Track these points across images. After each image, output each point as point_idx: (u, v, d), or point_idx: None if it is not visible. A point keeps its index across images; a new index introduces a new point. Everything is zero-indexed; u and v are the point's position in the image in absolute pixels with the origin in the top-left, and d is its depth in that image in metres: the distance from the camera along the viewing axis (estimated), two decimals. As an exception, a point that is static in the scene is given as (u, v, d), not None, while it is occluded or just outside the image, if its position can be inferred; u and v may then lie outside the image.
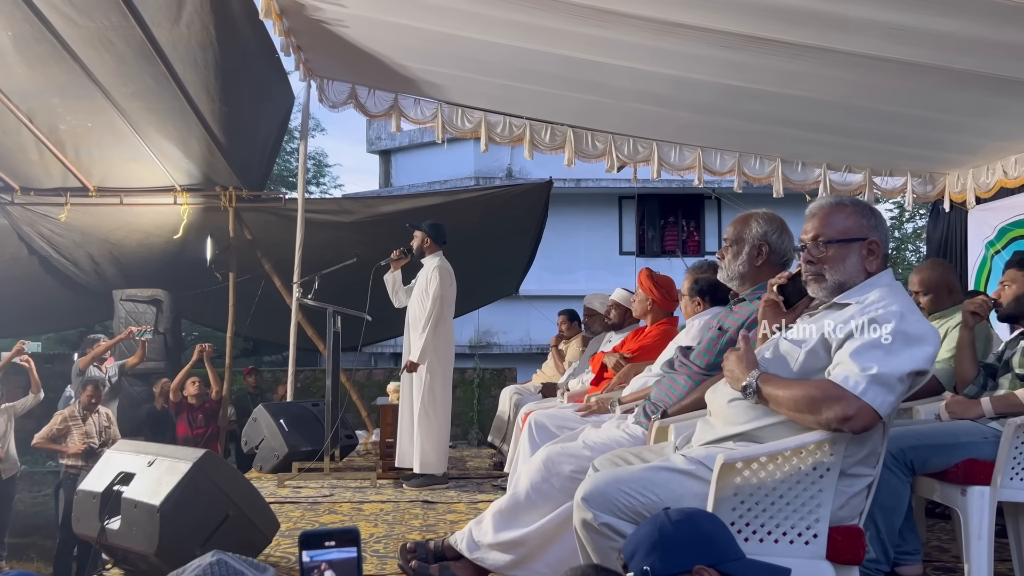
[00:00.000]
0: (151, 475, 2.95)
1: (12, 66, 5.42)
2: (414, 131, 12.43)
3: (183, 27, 5.14)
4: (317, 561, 1.14)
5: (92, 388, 5.83)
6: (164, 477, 2.88)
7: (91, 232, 7.21)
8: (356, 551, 1.14)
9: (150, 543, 2.78)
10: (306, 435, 5.36)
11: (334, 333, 5.24)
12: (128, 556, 3.01)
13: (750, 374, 1.91)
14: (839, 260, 1.99)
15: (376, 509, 4.21)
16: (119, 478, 3.04)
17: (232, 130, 6.20)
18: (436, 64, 5.79)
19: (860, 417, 1.75)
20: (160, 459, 3.00)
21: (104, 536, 3.00)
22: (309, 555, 1.13)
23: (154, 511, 2.77)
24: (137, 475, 2.99)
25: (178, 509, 2.79)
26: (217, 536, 2.85)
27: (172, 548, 2.76)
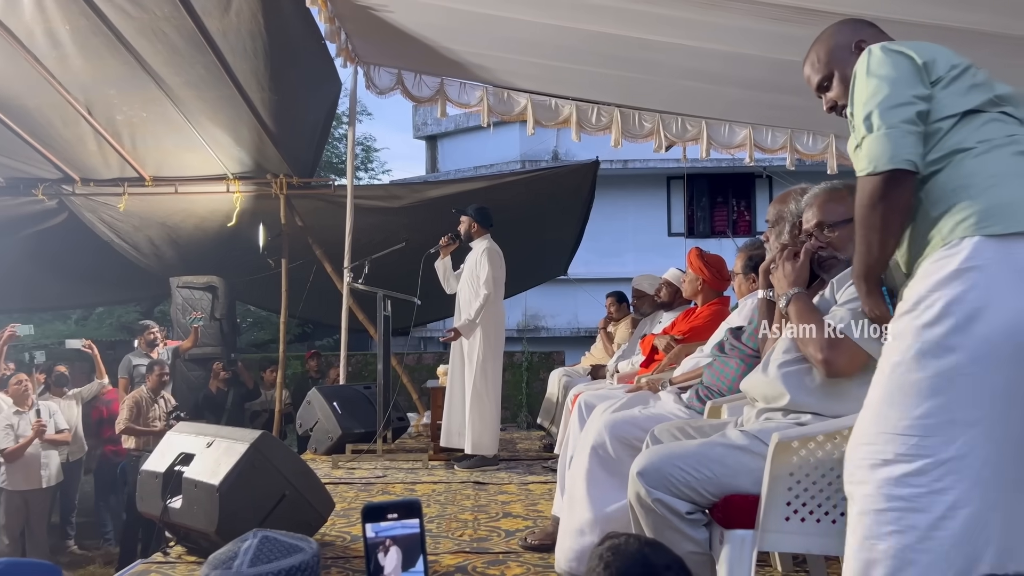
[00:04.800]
0: (210, 456, 3.02)
1: (70, 59, 5.56)
2: (460, 116, 12.43)
3: (232, 15, 5.21)
4: (382, 537, 1.15)
5: (159, 370, 5.99)
6: (222, 458, 2.95)
7: (149, 218, 7.40)
8: (419, 523, 1.15)
9: (210, 521, 2.85)
10: (359, 417, 5.44)
11: (384, 317, 5.29)
12: (189, 534, 3.10)
13: (791, 288, 2.05)
14: (846, 240, 2.01)
15: (428, 490, 4.25)
16: (180, 459, 3.13)
17: (282, 118, 6.28)
18: (482, 47, 5.77)
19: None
20: (218, 440, 3.07)
21: (167, 514, 3.09)
22: (374, 529, 1.14)
23: (213, 491, 2.84)
24: (197, 456, 3.07)
25: (236, 488, 2.85)
26: (274, 515, 2.92)
27: (231, 526, 2.83)
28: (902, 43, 1.75)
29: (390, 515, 1.15)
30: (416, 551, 1.16)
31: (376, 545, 1.15)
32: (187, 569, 2.95)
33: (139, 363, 6.37)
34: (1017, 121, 1.68)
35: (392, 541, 1.16)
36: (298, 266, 7.21)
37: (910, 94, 1.65)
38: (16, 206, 7.24)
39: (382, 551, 1.16)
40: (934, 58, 1.69)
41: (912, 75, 1.67)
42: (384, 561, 1.16)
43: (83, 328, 13.34)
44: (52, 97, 5.96)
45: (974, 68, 1.72)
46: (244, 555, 1.25)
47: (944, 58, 1.70)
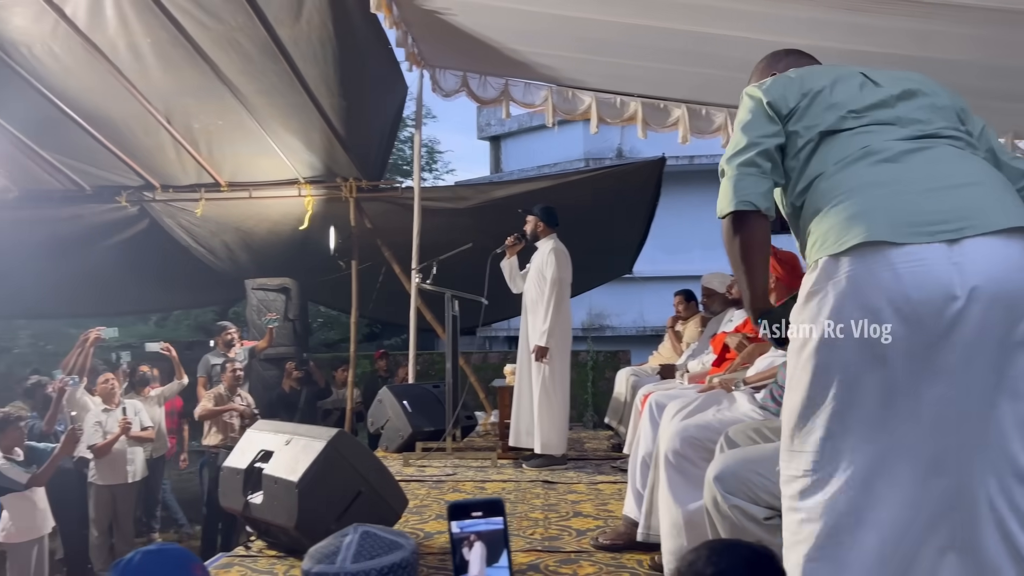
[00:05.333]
0: (288, 453, 3.11)
1: (151, 71, 5.80)
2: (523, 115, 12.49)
3: (303, 24, 5.35)
4: (466, 532, 1.17)
5: (231, 368, 6.18)
6: (300, 455, 3.04)
7: (224, 222, 7.64)
8: (502, 521, 1.17)
9: (289, 517, 2.94)
10: (428, 416, 5.52)
11: (452, 317, 5.35)
12: (270, 529, 3.20)
13: None
14: None
15: (498, 488, 4.29)
16: (260, 456, 3.23)
17: (350, 122, 6.41)
18: (546, 46, 5.79)
19: None
20: (296, 438, 3.16)
21: (248, 509, 3.19)
22: (459, 526, 1.17)
23: (292, 487, 2.93)
24: (276, 453, 3.17)
25: (314, 485, 2.93)
26: (350, 511, 2.98)
27: (310, 522, 2.91)
28: (767, 81, 1.83)
29: (474, 513, 1.18)
30: (500, 548, 1.18)
31: (461, 541, 1.18)
32: (268, 563, 3.03)
33: (217, 362, 6.59)
34: (888, 125, 1.70)
35: (476, 537, 1.19)
36: (368, 267, 7.35)
37: (754, 135, 1.74)
38: (101, 213, 7.58)
39: (467, 547, 1.19)
40: (783, 93, 1.77)
41: (758, 116, 1.77)
42: (469, 556, 1.18)
43: (162, 329, 13.86)
44: (134, 108, 6.22)
45: (837, 85, 1.76)
46: (346, 550, 1.28)
47: (796, 88, 1.77)
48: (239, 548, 3.27)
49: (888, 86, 1.76)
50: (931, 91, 1.77)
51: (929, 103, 1.74)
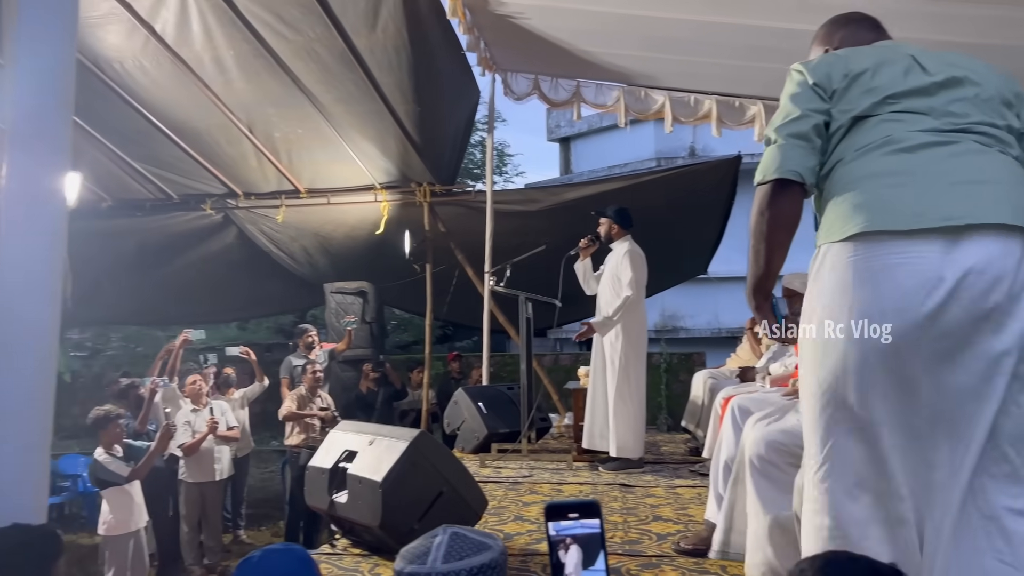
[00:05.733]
0: (372, 453, 3.18)
1: (234, 82, 6.00)
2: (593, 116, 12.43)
3: (379, 32, 5.46)
4: (562, 535, 1.18)
5: (312, 369, 6.34)
6: (384, 455, 3.09)
7: (304, 228, 7.86)
8: (599, 524, 1.17)
9: (374, 516, 2.99)
10: (503, 417, 5.55)
11: (526, 319, 5.37)
12: (354, 527, 3.27)
13: None
14: None
15: (575, 491, 4.28)
16: (344, 456, 3.31)
17: (424, 128, 6.51)
18: (618, 47, 5.76)
19: None
20: (379, 438, 3.22)
21: (333, 508, 3.27)
22: (555, 527, 1.18)
23: (376, 486, 2.98)
24: (359, 453, 3.24)
25: (398, 485, 2.98)
26: (432, 512, 3.03)
27: (393, 521, 2.97)
28: (813, 60, 1.83)
29: (571, 514, 1.18)
30: (596, 550, 1.18)
31: (557, 543, 1.18)
32: (353, 561, 3.10)
33: (298, 364, 6.76)
34: (919, 115, 1.69)
35: (572, 540, 1.19)
36: (441, 270, 7.44)
37: (803, 108, 1.74)
38: (188, 221, 7.89)
39: (563, 549, 1.19)
40: (828, 72, 1.76)
41: (806, 91, 1.76)
42: (565, 558, 1.19)
43: (243, 332, 14.32)
44: (218, 118, 6.45)
45: (882, 68, 1.74)
46: (437, 551, 1.31)
47: (840, 69, 1.76)
48: (325, 546, 3.35)
49: (935, 72, 1.73)
50: (980, 79, 1.74)
51: (972, 94, 1.71)
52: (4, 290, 1.54)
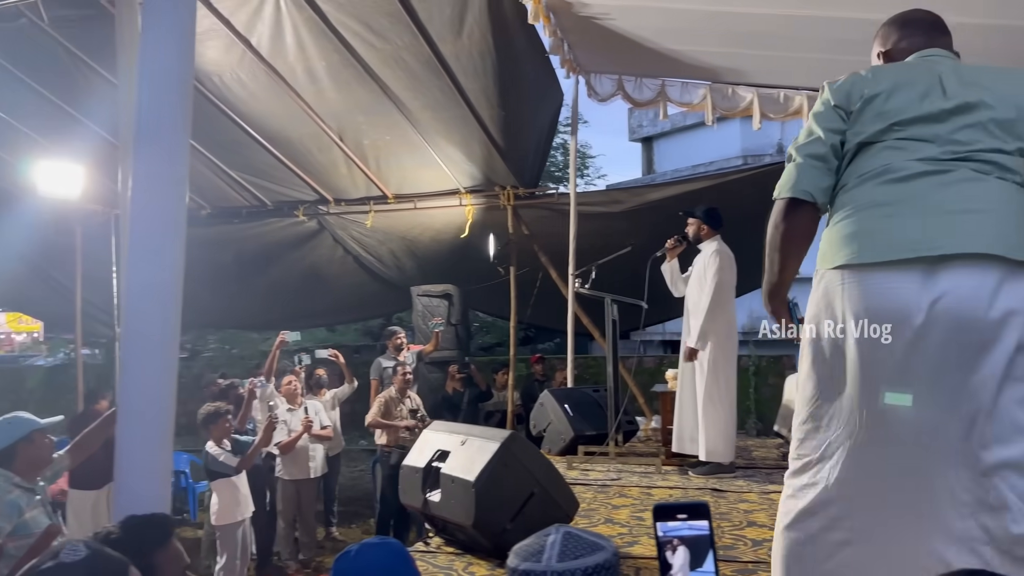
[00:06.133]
0: (464, 453, 3.22)
1: (326, 91, 6.19)
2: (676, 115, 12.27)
3: (464, 38, 5.54)
4: (670, 536, 1.18)
5: (402, 371, 6.47)
6: (476, 455, 3.14)
7: (391, 232, 8.04)
8: (708, 525, 1.17)
9: (467, 515, 3.04)
10: (589, 420, 5.54)
11: (612, 321, 5.34)
12: (447, 526, 3.32)
13: None
14: None
15: (665, 495, 4.24)
16: (437, 455, 3.37)
17: (508, 132, 6.56)
18: (704, 43, 5.68)
19: None
20: (471, 439, 3.27)
21: (427, 507, 3.33)
22: (663, 528, 1.18)
23: (469, 486, 3.02)
24: (452, 453, 3.29)
25: (490, 485, 3.02)
26: (524, 512, 3.05)
27: (486, 521, 3.01)
28: (839, 80, 1.90)
29: (679, 515, 1.18)
30: (705, 551, 1.18)
31: (665, 543, 1.18)
32: (447, 559, 3.16)
33: (388, 365, 6.91)
34: (922, 142, 1.76)
35: (680, 541, 1.19)
36: (525, 273, 7.48)
37: (825, 127, 1.85)
38: (282, 227, 8.18)
39: (670, 549, 1.19)
40: (848, 93, 1.85)
41: (828, 112, 1.87)
42: (672, 559, 1.19)
43: (332, 334, 14.74)
44: (310, 127, 6.67)
45: (898, 92, 1.81)
46: (551, 549, 1.32)
47: (859, 91, 1.84)
48: (419, 543, 3.42)
49: (952, 96, 1.78)
50: (997, 100, 1.77)
51: (987, 118, 1.75)
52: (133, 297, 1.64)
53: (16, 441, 2.75)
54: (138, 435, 1.65)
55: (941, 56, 1.93)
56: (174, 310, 1.67)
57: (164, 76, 1.70)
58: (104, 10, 5.29)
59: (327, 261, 8.60)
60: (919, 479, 1.63)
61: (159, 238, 1.65)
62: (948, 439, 1.61)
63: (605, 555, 1.37)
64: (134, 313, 1.65)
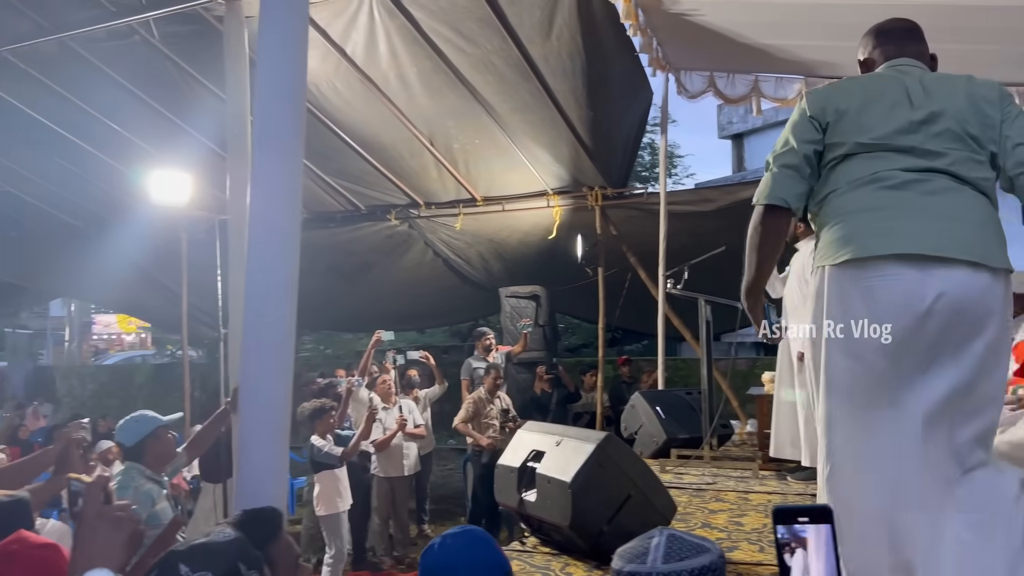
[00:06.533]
0: (560, 454, 3.23)
1: (417, 97, 6.32)
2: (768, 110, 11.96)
3: (554, 40, 5.56)
4: (789, 539, 1.15)
5: (495, 373, 6.55)
6: (571, 456, 3.14)
7: (480, 235, 8.13)
8: (830, 530, 1.14)
9: (563, 516, 3.04)
10: (682, 422, 5.45)
11: (706, 322, 5.26)
12: (542, 526, 3.34)
13: None
14: None
15: (763, 500, 4.13)
16: (532, 455, 3.38)
17: (597, 132, 6.55)
18: (799, 37, 5.53)
19: None
20: (567, 439, 3.27)
21: (522, 506, 3.35)
22: (783, 531, 1.15)
23: (566, 487, 3.03)
24: (547, 453, 3.30)
25: (587, 486, 3.01)
26: (621, 514, 3.03)
27: (583, 522, 3.00)
28: (813, 93, 2.18)
29: (801, 518, 1.15)
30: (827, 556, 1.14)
31: (784, 546, 1.16)
32: (544, 559, 3.17)
33: (478, 366, 7.00)
34: (901, 153, 1.98)
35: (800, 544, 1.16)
36: (613, 274, 7.43)
37: (798, 139, 2.07)
38: (375, 231, 8.38)
39: (789, 553, 1.16)
40: (823, 107, 2.07)
41: (803, 123, 2.09)
42: (791, 562, 1.16)
43: (421, 335, 15.01)
44: (402, 133, 6.82)
45: (869, 107, 2.03)
46: (655, 551, 1.32)
47: (832, 104, 2.07)
48: (515, 543, 3.44)
49: (919, 106, 2.00)
50: (956, 111, 1.99)
51: (949, 127, 1.97)
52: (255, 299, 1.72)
53: (143, 437, 2.92)
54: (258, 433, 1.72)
55: (909, 66, 2.13)
56: (291, 313, 1.74)
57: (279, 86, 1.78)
58: (210, 25, 5.55)
59: (417, 264, 8.78)
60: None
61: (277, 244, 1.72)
62: (934, 403, 1.89)
63: (710, 557, 1.36)
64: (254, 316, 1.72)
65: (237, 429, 3.55)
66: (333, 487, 5.21)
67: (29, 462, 2.74)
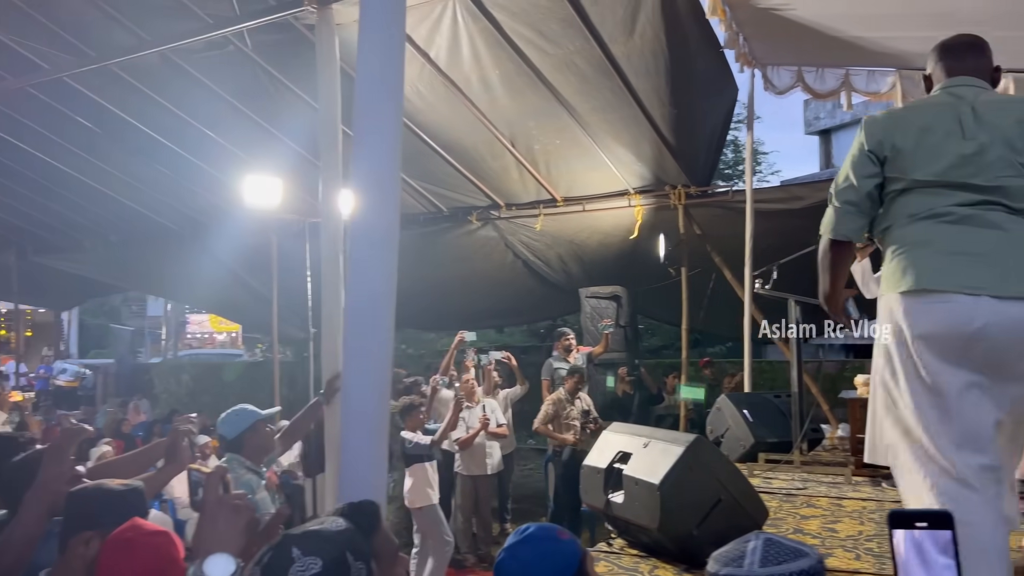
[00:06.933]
0: (647, 455, 3.20)
1: (499, 99, 6.36)
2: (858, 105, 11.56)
3: (636, 38, 5.51)
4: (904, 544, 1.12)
5: (576, 376, 6.54)
6: (660, 458, 3.11)
7: (559, 236, 8.11)
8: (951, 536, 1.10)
9: (652, 518, 3.02)
10: (770, 426, 5.33)
11: (796, 323, 5.12)
12: (629, 528, 3.31)
13: None
14: None
15: (858, 507, 4.00)
16: (618, 457, 3.37)
17: (680, 130, 6.45)
18: (894, 28, 5.32)
19: None
20: (654, 441, 3.24)
21: (609, 508, 3.34)
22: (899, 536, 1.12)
23: (654, 489, 3.00)
24: (634, 455, 3.28)
25: (676, 489, 2.98)
26: (711, 518, 2.99)
27: (672, 525, 2.97)
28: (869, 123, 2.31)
29: (919, 523, 1.11)
30: (947, 565, 1.10)
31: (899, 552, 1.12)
32: (632, 561, 3.15)
33: (559, 366, 7.00)
34: (956, 190, 2.14)
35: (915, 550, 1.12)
36: (697, 274, 7.32)
37: (858, 175, 2.26)
38: (457, 233, 8.48)
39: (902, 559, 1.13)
40: (880, 141, 2.24)
41: (862, 158, 2.26)
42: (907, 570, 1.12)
43: (501, 335, 15.10)
44: (484, 135, 6.88)
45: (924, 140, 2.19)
46: (752, 555, 1.30)
47: (888, 140, 2.22)
48: (601, 544, 3.43)
49: (972, 136, 2.14)
50: (1008, 138, 2.11)
51: (1000, 157, 2.10)
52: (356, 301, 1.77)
53: (243, 431, 3.05)
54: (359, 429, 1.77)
55: (966, 86, 2.24)
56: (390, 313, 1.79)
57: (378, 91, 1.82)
58: (300, 33, 5.73)
59: (497, 266, 8.83)
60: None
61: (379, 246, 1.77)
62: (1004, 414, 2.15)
63: (809, 561, 1.33)
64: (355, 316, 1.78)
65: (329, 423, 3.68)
66: (424, 480, 5.41)
67: (141, 453, 2.89)
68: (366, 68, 1.84)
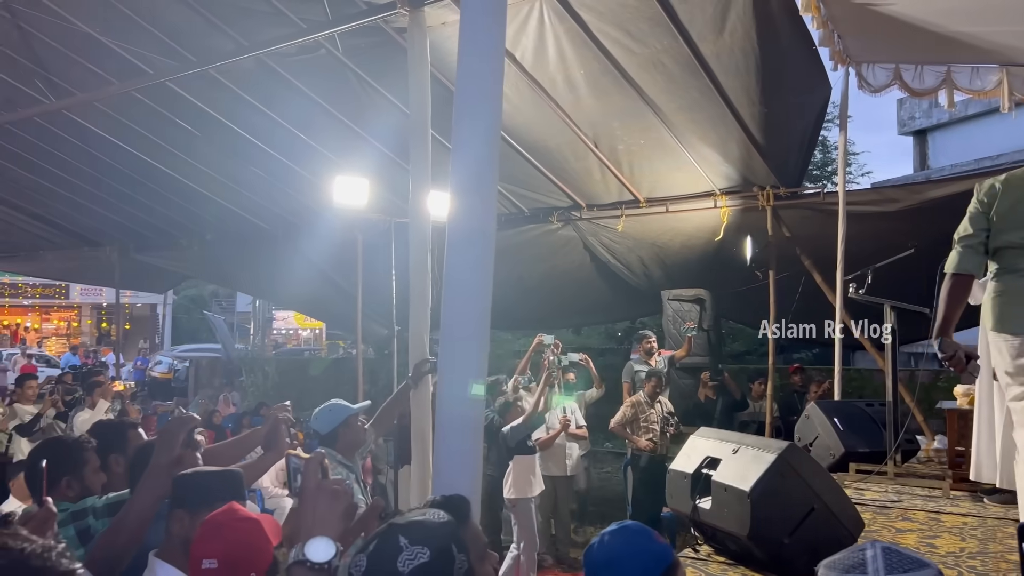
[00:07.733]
0: (737, 462, 3.14)
1: (583, 100, 6.34)
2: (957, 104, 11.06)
3: (726, 36, 5.41)
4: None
5: (655, 380, 6.47)
6: (750, 465, 3.04)
7: (641, 238, 8.02)
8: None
9: (742, 526, 2.96)
10: (861, 436, 5.14)
11: (892, 329, 4.94)
12: (717, 534, 3.26)
13: None
14: None
15: (958, 522, 3.83)
16: (706, 462, 3.31)
17: (770, 130, 6.30)
18: (1001, 22, 5.09)
19: None
20: (744, 448, 3.18)
21: (696, 513, 3.29)
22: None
23: (744, 496, 2.94)
24: (723, 461, 3.22)
25: (767, 496, 2.91)
26: (804, 527, 2.91)
27: (763, 532, 2.91)
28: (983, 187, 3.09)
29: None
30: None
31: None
32: (719, 568, 3.09)
33: (640, 369, 6.93)
34: None
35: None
36: (785, 277, 7.12)
37: (976, 227, 3.06)
38: (537, 234, 8.49)
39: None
40: (989, 203, 3.02)
41: (978, 215, 3.07)
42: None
43: (578, 336, 15.05)
44: (567, 135, 6.86)
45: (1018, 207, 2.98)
46: (874, 562, 1.26)
47: (994, 208, 3.01)
48: (687, 550, 3.38)
49: None
50: None
51: None
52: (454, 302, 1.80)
53: (337, 425, 3.13)
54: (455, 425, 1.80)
55: None
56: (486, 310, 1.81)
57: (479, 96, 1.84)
58: (389, 36, 5.85)
59: (577, 267, 8.80)
60: None
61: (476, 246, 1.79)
62: None
63: (931, 572, 1.30)
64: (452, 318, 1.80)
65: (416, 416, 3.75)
66: (526, 472, 5.60)
67: (239, 441, 3.00)
68: (467, 73, 1.86)
